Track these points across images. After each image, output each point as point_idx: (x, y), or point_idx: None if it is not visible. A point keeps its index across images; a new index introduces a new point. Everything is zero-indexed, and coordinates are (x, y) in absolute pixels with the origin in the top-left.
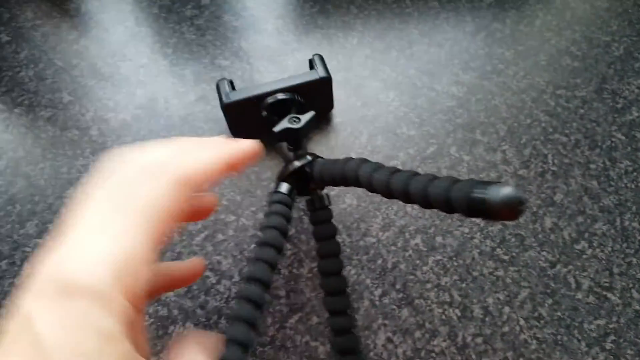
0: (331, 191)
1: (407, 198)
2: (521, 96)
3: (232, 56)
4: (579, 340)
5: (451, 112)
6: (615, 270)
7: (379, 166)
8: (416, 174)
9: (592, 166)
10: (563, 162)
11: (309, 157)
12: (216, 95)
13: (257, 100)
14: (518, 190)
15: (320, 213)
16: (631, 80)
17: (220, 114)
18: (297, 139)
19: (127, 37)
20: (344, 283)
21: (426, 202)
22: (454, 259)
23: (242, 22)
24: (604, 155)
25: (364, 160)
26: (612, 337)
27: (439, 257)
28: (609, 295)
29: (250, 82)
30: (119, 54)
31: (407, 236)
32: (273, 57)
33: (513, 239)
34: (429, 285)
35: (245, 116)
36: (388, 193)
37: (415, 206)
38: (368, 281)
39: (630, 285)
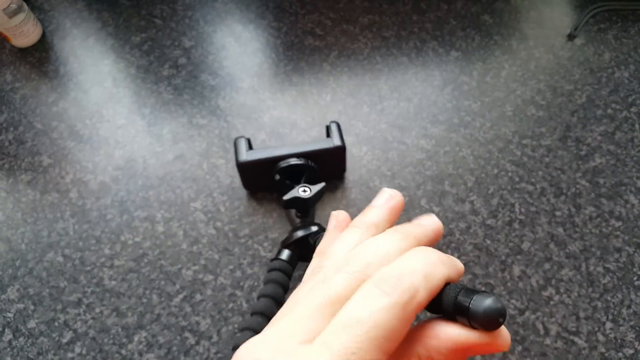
0: None
1: None
2: (488, 147)
3: (210, 114)
4: None
5: (421, 165)
6: (582, 314)
7: None
8: None
9: (558, 213)
10: (530, 210)
11: (314, 228)
12: (194, 154)
13: (271, 163)
14: (499, 302)
15: None
16: (594, 128)
17: (196, 174)
18: (305, 208)
19: (105, 98)
20: None
21: None
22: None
23: (218, 81)
24: (569, 202)
25: None
26: None
27: None
28: (576, 339)
29: (227, 139)
30: (98, 115)
31: None
32: (249, 114)
33: (483, 288)
34: None
35: (259, 175)
36: None
37: None
38: None
39: (596, 329)
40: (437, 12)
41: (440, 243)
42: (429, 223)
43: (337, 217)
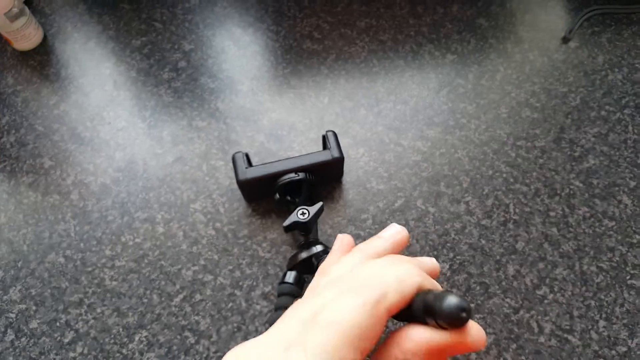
0: None
1: None
2: (483, 148)
3: (209, 117)
4: None
5: (417, 166)
6: (575, 313)
7: None
8: None
9: (552, 214)
10: (524, 210)
11: (319, 248)
12: (193, 156)
13: (272, 178)
14: (461, 299)
15: None
16: (587, 129)
17: (196, 175)
18: (305, 229)
19: (106, 100)
20: None
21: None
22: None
23: (218, 83)
24: (563, 202)
25: None
26: None
27: None
28: (570, 337)
29: (226, 142)
30: (98, 117)
31: None
32: (248, 117)
33: (478, 287)
34: None
35: (260, 188)
36: None
37: None
38: None
39: (590, 327)
40: (433, 15)
41: (436, 243)
42: (427, 260)
43: (342, 240)
